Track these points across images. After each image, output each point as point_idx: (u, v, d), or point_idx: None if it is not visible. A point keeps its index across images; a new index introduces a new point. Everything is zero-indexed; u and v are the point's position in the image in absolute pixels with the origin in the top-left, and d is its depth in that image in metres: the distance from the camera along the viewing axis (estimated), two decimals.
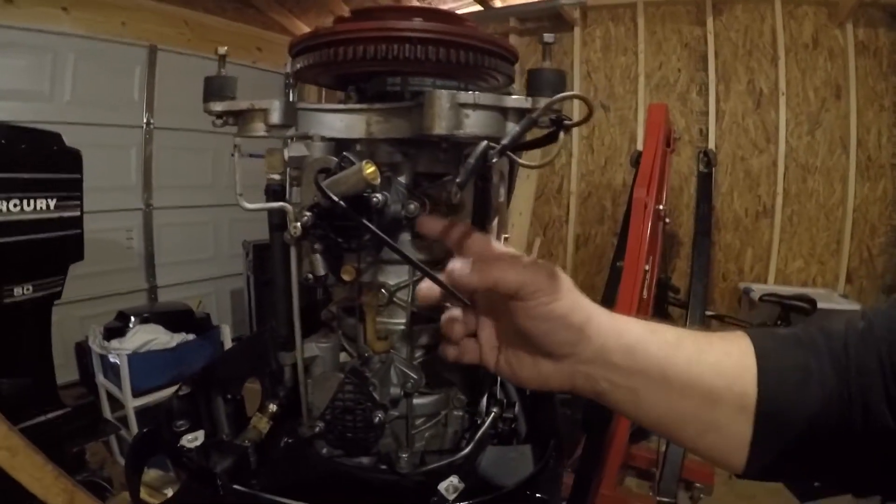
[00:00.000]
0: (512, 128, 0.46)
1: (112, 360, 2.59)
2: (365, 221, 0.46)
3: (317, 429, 0.56)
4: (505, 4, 3.97)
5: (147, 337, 2.67)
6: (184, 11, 3.67)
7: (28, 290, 1.82)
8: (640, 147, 3.16)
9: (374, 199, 0.48)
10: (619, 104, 3.80)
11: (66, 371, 2.86)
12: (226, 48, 0.59)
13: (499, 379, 0.77)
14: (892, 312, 0.45)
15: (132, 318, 2.78)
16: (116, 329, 2.73)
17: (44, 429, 1.84)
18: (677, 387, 0.46)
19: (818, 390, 0.43)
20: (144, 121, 3.51)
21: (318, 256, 0.53)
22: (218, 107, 0.56)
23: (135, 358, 2.57)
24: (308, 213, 0.49)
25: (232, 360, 0.73)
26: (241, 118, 0.57)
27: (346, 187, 0.46)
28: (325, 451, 0.60)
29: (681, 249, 3.62)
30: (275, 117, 0.53)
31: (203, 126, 3.59)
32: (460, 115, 0.46)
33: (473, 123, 0.46)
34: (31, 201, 1.76)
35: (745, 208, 3.53)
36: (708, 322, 2.83)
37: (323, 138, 0.55)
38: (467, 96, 0.46)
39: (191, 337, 2.85)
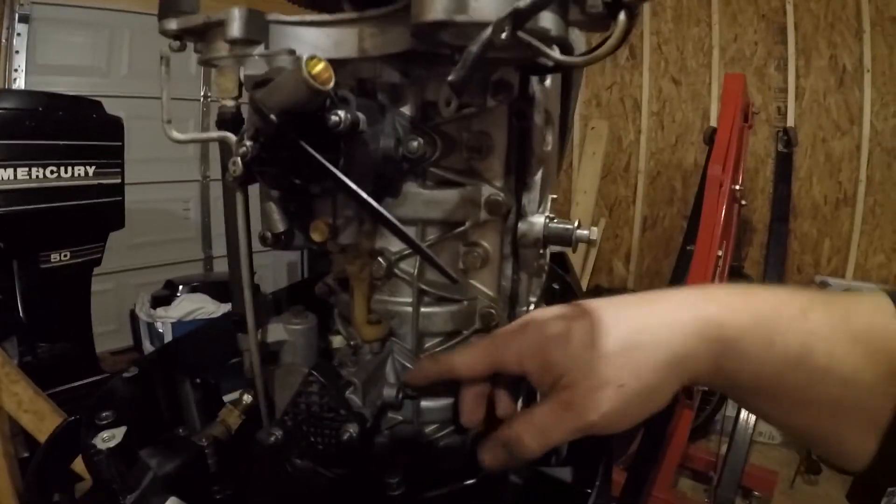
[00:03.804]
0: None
1: (158, 327, 2.60)
2: (305, 145, 0.31)
3: (272, 438, 0.42)
4: None
5: (192, 306, 2.67)
6: None
7: (66, 256, 1.80)
8: (714, 124, 2.90)
9: (334, 118, 0.33)
10: (691, 78, 3.52)
11: (122, 337, 2.98)
12: None
13: None
14: None
15: (180, 287, 2.78)
16: (163, 297, 2.74)
17: (79, 393, 1.82)
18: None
19: None
20: (202, 94, 3.49)
21: (272, 205, 0.38)
22: (173, 24, 0.44)
23: (179, 326, 2.57)
24: (248, 143, 0.34)
25: (206, 337, 0.61)
26: (205, 39, 0.44)
27: (282, 96, 0.31)
28: (299, 461, 0.46)
29: (754, 236, 3.33)
30: (234, 29, 0.40)
31: None
32: None
33: (484, 3, 0.30)
34: (69, 168, 1.72)
35: (824, 195, 3.19)
36: None
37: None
38: None
39: None
